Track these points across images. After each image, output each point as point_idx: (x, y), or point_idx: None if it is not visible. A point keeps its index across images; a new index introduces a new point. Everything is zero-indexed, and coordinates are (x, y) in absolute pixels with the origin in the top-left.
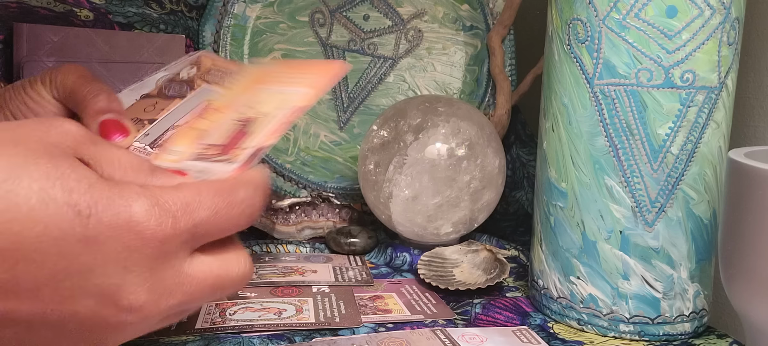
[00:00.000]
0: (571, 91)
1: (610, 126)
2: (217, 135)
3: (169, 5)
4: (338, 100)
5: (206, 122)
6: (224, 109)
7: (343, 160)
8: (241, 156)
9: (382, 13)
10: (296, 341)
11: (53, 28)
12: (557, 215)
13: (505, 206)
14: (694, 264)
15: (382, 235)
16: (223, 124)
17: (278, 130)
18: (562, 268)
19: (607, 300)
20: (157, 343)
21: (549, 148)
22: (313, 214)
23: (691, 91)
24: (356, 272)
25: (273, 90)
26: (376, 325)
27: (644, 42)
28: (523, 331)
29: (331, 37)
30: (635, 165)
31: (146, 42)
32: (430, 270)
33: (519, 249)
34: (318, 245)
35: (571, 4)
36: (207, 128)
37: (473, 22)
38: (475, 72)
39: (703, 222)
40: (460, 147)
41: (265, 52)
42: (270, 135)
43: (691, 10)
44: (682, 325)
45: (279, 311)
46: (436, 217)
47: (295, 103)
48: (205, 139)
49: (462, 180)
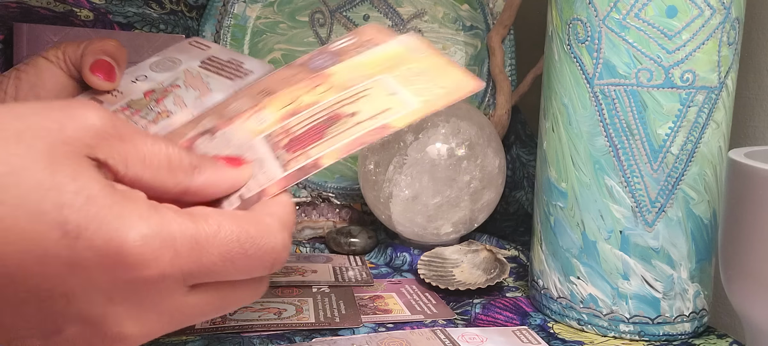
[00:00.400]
0: (571, 91)
1: (610, 126)
2: (306, 118)
3: (169, 5)
4: None
5: (311, 96)
6: (334, 88)
7: (343, 160)
8: (296, 165)
9: (382, 13)
10: (296, 341)
11: (53, 28)
12: (557, 215)
13: (505, 206)
14: (694, 264)
15: (382, 235)
16: (318, 108)
17: (351, 146)
18: (562, 268)
19: (607, 300)
20: (157, 343)
21: (549, 148)
22: (313, 214)
23: (691, 91)
24: (356, 272)
25: (390, 87)
26: (376, 325)
27: (644, 42)
28: (523, 331)
29: (331, 37)
30: (635, 165)
31: (146, 42)
32: (430, 270)
33: (519, 249)
34: (318, 245)
35: (571, 4)
36: (307, 103)
37: (473, 22)
38: (475, 72)
39: (703, 222)
40: (460, 147)
41: (265, 52)
42: (339, 151)
43: (691, 10)
44: (682, 325)
45: (279, 311)
46: (436, 217)
47: (389, 122)
48: (293, 117)
49: (462, 180)
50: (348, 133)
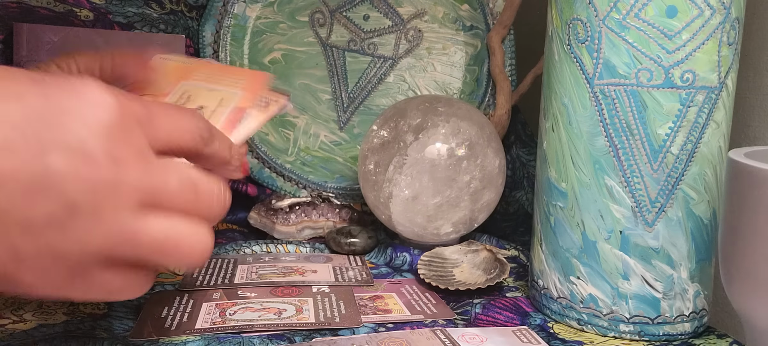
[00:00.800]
0: (571, 91)
1: (610, 126)
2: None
3: (169, 5)
4: (338, 100)
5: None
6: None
7: (343, 160)
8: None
9: (382, 13)
10: (296, 341)
11: (53, 28)
12: (557, 215)
13: (505, 206)
14: (694, 264)
15: (382, 235)
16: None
17: (225, 129)
18: (562, 268)
19: (607, 300)
20: (157, 343)
21: (549, 148)
22: (313, 214)
23: (691, 91)
24: (356, 272)
25: (203, 86)
26: (376, 325)
27: (644, 42)
28: (523, 331)
29: (331, 37)
30: (635, 165)
31: (146, 42)
32: (430, 270)
33: (519, 249)
34: (318, 245)
35: (571, 4)
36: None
37: (473, 22)
38: (475, 72)
39: (703, 222)
40: (460, 147)
41: (265, 53)
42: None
43: (691, 10)
44: (682, 325)
45: (279, 311)
46: (436, 217)
47: (236, 104)
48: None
49: (462, 180)
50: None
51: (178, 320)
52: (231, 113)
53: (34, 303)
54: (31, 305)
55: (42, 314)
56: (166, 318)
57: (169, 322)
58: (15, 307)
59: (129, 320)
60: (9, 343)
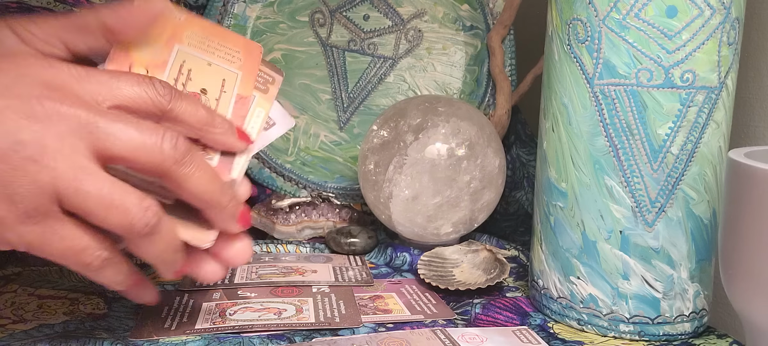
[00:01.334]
0: (571, 91)
1: (610, 126)
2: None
3: None
4: (338, 100)
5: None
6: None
7: (343, 160)
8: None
9: (382, 13)
10: (296, 341)
11: None
12: (557, 215)
13: (505, 206)
14: (694, 264)
15: (382, 235)
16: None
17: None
18: (562, 268)
19: (607, 300)
20: (157, 343)
21: (549, 148)
22: (313, 214)
23: (691, 91)
24: (356, 272)
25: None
26: (376, 325)
27: (644, 42)
28: (523, 331)
29: (331, 37)
30: (635, 165)
31: None
32: (430, 270)
33: (519, 249)
34: (318, 245)
35: (571, 4)
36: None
37: (473, 22)
38: (475, 72)
39: (703, 222)
40: (460, 147)
41: (265, 53)
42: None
43: (691, 10)
44: (682, 325)
45: (279, 311)
46: (436, 217)
47: (238, 89)
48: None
49: (462, 180)
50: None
51: (178, 320)
52: (237, 103)
53: (34, 303)
54: (31, 305)
55: (42, 314)
56: (166, 318)
57: (169, 322)
58: (15, 307)
59: (129, 320)
60: (9, 343)
